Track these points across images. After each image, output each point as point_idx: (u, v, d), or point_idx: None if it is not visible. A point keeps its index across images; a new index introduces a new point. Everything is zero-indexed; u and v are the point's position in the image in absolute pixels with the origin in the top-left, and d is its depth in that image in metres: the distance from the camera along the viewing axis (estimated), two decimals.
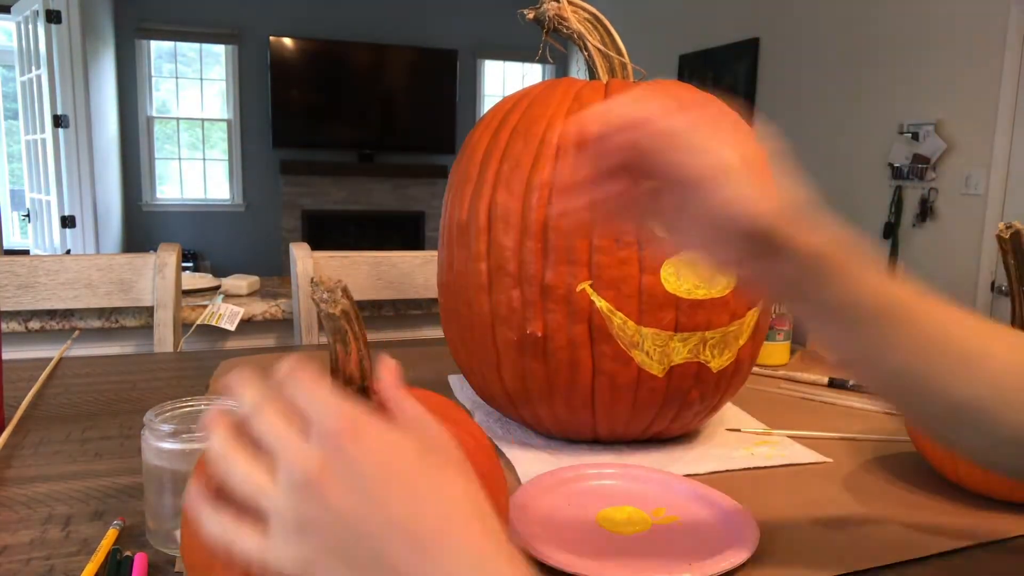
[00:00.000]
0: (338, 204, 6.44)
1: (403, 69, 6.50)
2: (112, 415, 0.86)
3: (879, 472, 0.74)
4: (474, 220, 0.74)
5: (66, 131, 3.93)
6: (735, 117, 0.60)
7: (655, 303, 0.69)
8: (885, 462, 0.77)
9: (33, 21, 3.94)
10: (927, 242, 3.30)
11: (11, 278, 1.23)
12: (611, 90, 0.75)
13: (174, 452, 0.55)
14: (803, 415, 0.91)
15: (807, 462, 0.76)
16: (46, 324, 1.41)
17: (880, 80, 3.55)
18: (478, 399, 0.93)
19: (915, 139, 3.34)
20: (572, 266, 0.69)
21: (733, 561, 0.55)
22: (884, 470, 0.75)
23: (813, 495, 0.69)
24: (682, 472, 0.72)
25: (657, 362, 0.71)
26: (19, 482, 0.67)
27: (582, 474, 0.69)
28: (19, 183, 5.62)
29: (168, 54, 6.13)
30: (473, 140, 0.78)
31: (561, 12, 0.80)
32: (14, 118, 5.66)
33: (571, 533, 0.59)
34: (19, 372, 1.00)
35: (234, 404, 0.36)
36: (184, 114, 6.22)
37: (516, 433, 0.82)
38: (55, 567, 0.54)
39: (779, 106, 4.24)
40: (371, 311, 1.59)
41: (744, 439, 0.82)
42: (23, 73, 4.19)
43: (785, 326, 1.14)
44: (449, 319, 0.80)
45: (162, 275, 1.28)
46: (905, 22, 3.42)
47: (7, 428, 0.80)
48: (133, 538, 0.58)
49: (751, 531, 0.58)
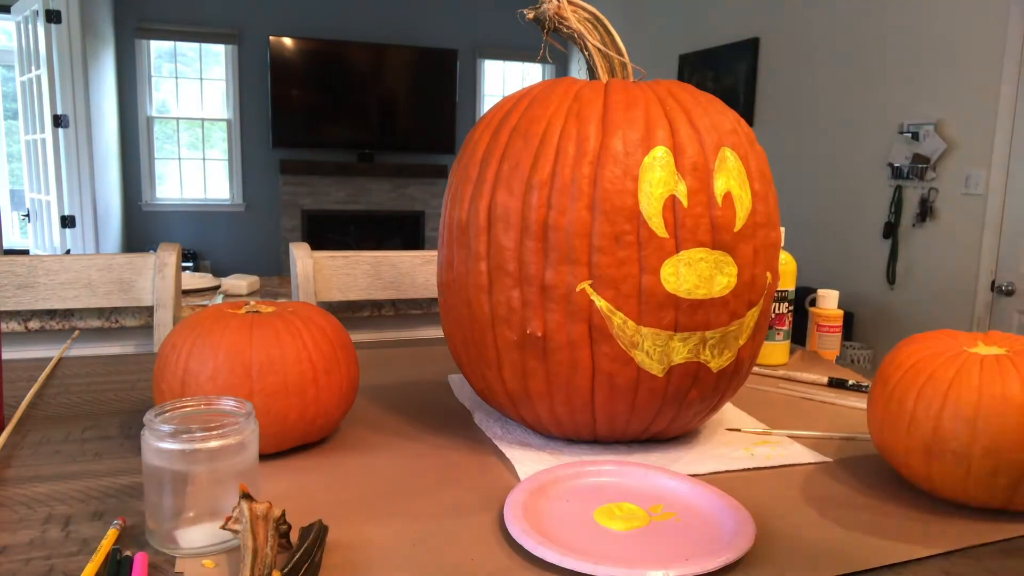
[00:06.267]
0: (338, 204, 6.44)
1: (403, 69, 6.51)
2: (112, 415, 0.86)
3: (879, 472, 0.74)
4: (474, 220, 0.74)
5: (66, 131, 3.93)
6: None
7: (655, 303, 0.69)
8: (885, 462, 0.77)
9: (33, 21, 3.94)
10: (927, 242, 3.30)
11: (11, 278, 1.23)
12: (611, 90, 0.75)
13: (174, 452, 0.55)
14: (803, 415, 0.91)
15: (807, 462, 0.76)
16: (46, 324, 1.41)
17: (880, 80, 3.55)
18: (478, 399, 0.93)
19: (915, 139, 3.34)
20: (572, 266, 0.69)
21: (730, 558, 0.55)
22: (884, 470, 0.75)
23: (813, 495, 0.69)
24: (682, 472, 0.72)
25: (657, 362, 0.71)
26: (19, 482, 0.67)
27: (580, 471, 0.69)
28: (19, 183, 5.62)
29: (168, 54, 6.13)
30: (473, 140, 0.78)
31: (561, 12, 0.80)
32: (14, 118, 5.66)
33: (569, 529, 0.59)
34: (19, 372, 1.00)
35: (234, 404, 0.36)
36: (184, 114, 6.23)
37: (516, 433, 0.82)
38: (55, 567, 0.54)
39: (779, 106, 4.24)
40: (371, 311, 1.59)
41: (744, 439, 0.82)
42: (23, 73, 4.19)
43: (785, 326, 1.14)
44: (449, 319, 0.80)
45: (162, 275, 1.28)
46: (905, 22, 3.42)
47: (7, 428, 0.80)
48: (133, 538, 0.58)
49: (748, 528, 0.58)
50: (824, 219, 3.91)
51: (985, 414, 0.62)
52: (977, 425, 0.62)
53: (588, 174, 0.69)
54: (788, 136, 4.16)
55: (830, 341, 1.19)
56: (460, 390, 0.97)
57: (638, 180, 0.69)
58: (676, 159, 0.70)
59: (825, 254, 3.90)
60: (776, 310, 1.13)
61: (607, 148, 0.70)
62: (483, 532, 0.60)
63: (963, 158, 3.15)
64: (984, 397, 0.62)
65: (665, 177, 0.69)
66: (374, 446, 0.78)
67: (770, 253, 0.76)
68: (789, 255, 1.13)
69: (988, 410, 0.62)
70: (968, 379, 0.64)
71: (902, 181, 3.42)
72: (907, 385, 0.67)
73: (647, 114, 0.72)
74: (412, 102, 6.58)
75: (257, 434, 0.60)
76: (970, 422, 0.62)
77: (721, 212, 0.70)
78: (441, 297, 0.82)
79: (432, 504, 0.65)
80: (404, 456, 0.76)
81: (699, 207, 0.70)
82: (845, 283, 3.75)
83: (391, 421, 0.86)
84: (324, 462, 0.74)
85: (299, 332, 0.74)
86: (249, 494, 0.53)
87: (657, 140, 0.70)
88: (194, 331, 0.72)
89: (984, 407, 0.62)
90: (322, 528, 0.57)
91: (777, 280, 0.79)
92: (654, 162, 0.69)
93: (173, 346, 0.72)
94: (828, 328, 1.19)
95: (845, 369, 1.13)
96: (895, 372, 0.69)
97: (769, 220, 0.75)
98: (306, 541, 0.54)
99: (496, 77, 7.02)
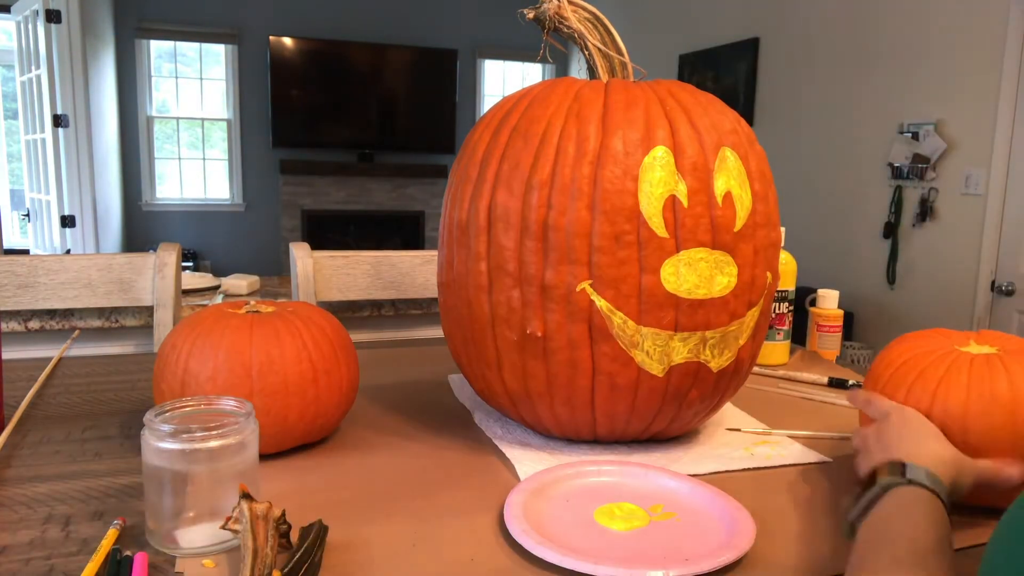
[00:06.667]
0: (338, 204, 6.44)
1: (403, 69, 6.51)
2: (112, 415, 0.86)
3: None
4: (474, 220, 0.74)
5: (66, 131, 3.93)
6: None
7: (655, 303, 0.69)
8: None
9: (33, 21, 3.94)
10: (927, 242, 3.30)
11: (11, 278, 1.23)
12: (611, 90, 0.75)
13: (174, 452, 0.55)
14: (803, 415, 0.91)
15: (807, 462, 0.76)
16: (46, 324, 1.41)
17: (880, 80, 3.55)
18: (478, 399, 0.93)
19: (915, 139, 3.34)
20: (572, 266, 0.69)
21: (730, 558, 0.55)
22: None
23: (813, 495, 0.69)
24: (682, 472, 0.72)
25: (657, 362, 0.71)
26: (19, 482, 0.67)
27: (581, 471, 0.69)
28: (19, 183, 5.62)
29: (168, 54, 6.13)
30: (473, 140, 0.78)
31: (561, 12, 0.80)
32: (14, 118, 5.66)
33: (569, 529, 0.59)
34: (19, 372, 1.00)
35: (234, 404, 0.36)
36: (184, 114, 6.22)
37: (516, 433, 0.82)
38: (55, 567, 0.54)
39: (779, 106, 4.24)
40: (371, 311, 1.59)
41: (744, 439, 0.82)
42: (23, 73, 4.19)
43: (785, 326, 1.14)
44: (449, 319, 0.80)
45: (162, 275, 1.28)
46: (905, 22, 3.42)
47: (7, 428, 0.80)
48: (133, 538, 0.58)
49: (748, 528, 0.58)
50: (824, 219, 3.91)
51: (974, 412, 0.62)
52: (966, 423, 0.62)
53: (588, 174, 0.69)
54: (788, 136, 4.16)
55: (830, 341, 1.19)
56: (460, 390, 0.97)
57: (638, 180, 0.69)
58: (676, 159, 0.70)
59: (825, 254, 3.90)
60: (776, 310, 1.13)
61: (607, 148, 0.69)
62: (483, 532, 0.60)
63: (963, 158, 3.15)
64: (973, 396, 0.62)
65: (665, 177, 0.69)
66: (374, 446, 0.78)
67: (770, 253, 0.76)
68: (789, 255, 1.13)
69: (977, 409, 0.62)
70: (957, 378, 0.64)
71: (902, 181, 3.42)
72: (897, 383, 0.67)
73: (647, 114, 0.72)
74: (412, 102, 6.57)
75: (257, 434, 0.60)
76: (959, 420, 0.62)
77: (721, 212, 0.70)
78: (441, 297, 0.82)
79: (432, 504, 0.65)
80: (404, 456, 0.76)
81: (699, 207, 0.70)
82: (845, 283, 3.75)
83: (391, 421, 0.86)
84: (324, 462, 0.74)
85: (299, 332, 0.74)
86: (249, 494, 0.53)
87: (657, 140, 0.70)
88: (194, 331, 0.72)
89: (973, 406, 0.62)
90: (322, 528, 0.57)
91: (777, 280, 0.79)
92: (654, 162, 0.69)
93: (173, 346, 0.72)
94: (828, 328, 1.19)
95: (845, 369, 1.13)
96: (886, 370, 0.69)
97: (769, 220, 0.75)
98: (306, 541, 0.54)
99: (496, 77, 7.02)
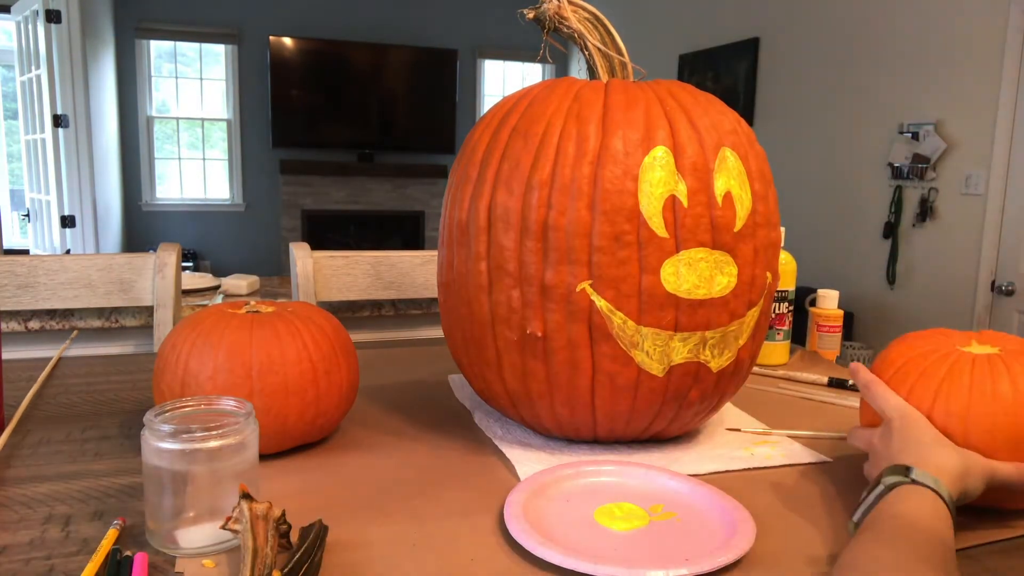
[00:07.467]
0: (338, 204, 6.44)
1: (403, 69, 6.51)
2: (112, 415, 0.86)
3: None
4: (474, 220, 0.74)
5: (66, 131, 3.93)
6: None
7: (655, 303, 0.69)
8: None
9: (33, 21, 3.94)
10: (927, 242, 3.30)
11: (11, 278, 1.23)
12: (611, 90, 0.75)
13: (174, 452, 0.55)
14: (803, 415, 0.91)
15: (807, 462, 0.76)
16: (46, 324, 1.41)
17: (880, 80, 3.55)
18: (478, 399, 0.93)
19: (915, 139, 3.34)
20: (572, 266, 0.69)
21: (730, 558, 0.55)
22: None
23: (813, 495, 0.69)
24: (682, 472, 0.72)
25: (657, 362, 0.71)
26: (19, 482, 0.67)
27: (580, 471, 0.69)
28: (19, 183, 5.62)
29: (168, 54, 6.13)
30: (473, 140, 0.78)
31: (561, 12, 0.80)
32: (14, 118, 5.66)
33: (569, 529, 0.59)
34: (19, 372, 1.00)
35: (234, 404, 0.36)
36: (184, 114, 6.23)
37: (516, 433, 0.82)
38: (55, 567, 0.54)
39: (779, 106, 4.24)
40: (371, 311, 1.59)
41: (744, 439, 0.82)
42: (23, 73, 4.19)
43: (785, 326, 1.14)
44: (449, 319, 0.80)
45: (162, 275, 1.28)
46: (905, 22, 3.42)
47: (7, 428, 0.80)
48: (133, 538, 0.58)
49: (748, 528, 0.58)
50: (824, 219, 3.91)
51: (976, 413, 0.62)
52: (968, 424, 0.62)
53: (588, 174, 0.69)
54: (788, 136, 4.16)
55: (830, 341, 1.19)
56: (460, 390, 0.97)
57: (638, 180, 0.69)
58: (676, 159, 0.70)
59: (825, 254, 3.90)
60: (776, 310, 1.13)
61: (607, 148, 0.69)
62: (483, 532, 0.60)
63: (963, 158, 3.15)
64: (975, 396, 0.62)
65: (665, 177, 0.69)
66: (374, 446, 0.78)
67: (770, 253, 0.76)
68: (789, 255, 1.13)
69: (979, 409, 0.62)
70: (959, 378, 0.64)
71: (902, 181, 3.42)
72: (898, 383, 0.67)
73: (647, 114, 0.72)
74: (412, 102, 6.58)
75: (257, 434, 0.60)
76: (961, 420, 0.62)
77: (721, 212, 0.70)
78: (441, 297, 0.82)
79: (432, 504, 0.65)
80: (404, 456, 0.76)
81: (699, 207, 0.70)
82: (845, 283, 3.75)
83: (391, 421, 0.86)
84: (324, 462, 0.74)
85: (299, 332, 0.74)
86: (249, 494, 0.53)
87: (657, 140, 0.70)
88: (194, 331, 0.72)
89: (975, 406, 0.62)
90: (322, 528, 0.57)
91: (777, 280, 0.79)
92: (654, 162, 0.69)
93: (173, 346, 0.72)
94: (828, 328, 1.19)
95: (845, 369, 1.13)
96: (887, 370, 0.69)
97: (769, 220, 0.75)
98: (306, 541, 0.54)
99: (496, 77, 7.02)
